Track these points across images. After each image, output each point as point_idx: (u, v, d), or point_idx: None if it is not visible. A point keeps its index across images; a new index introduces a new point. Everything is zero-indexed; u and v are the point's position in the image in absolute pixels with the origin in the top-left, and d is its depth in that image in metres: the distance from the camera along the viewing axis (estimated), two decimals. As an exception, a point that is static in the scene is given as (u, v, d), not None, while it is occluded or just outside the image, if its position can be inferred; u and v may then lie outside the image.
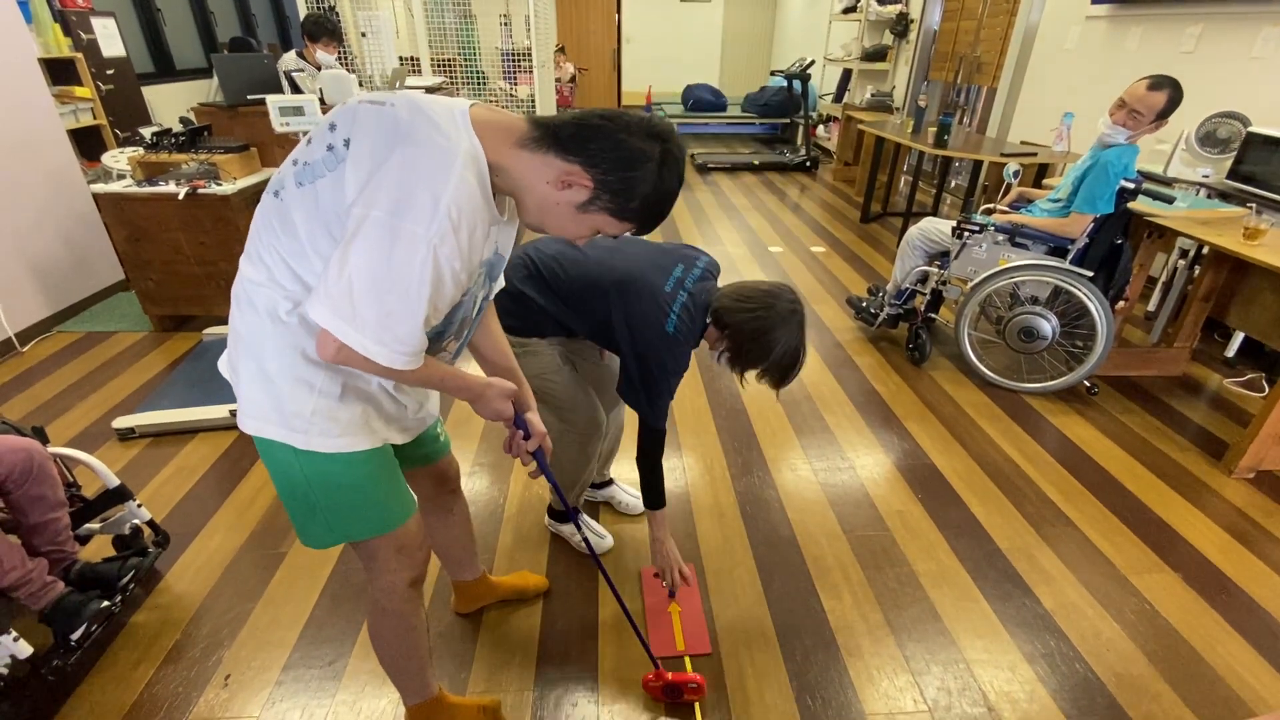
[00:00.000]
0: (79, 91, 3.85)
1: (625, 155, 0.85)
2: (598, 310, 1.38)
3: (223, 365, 1.03)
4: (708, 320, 1.39)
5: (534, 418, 1.16)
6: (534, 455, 1.19)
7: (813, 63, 6.82)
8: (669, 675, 1.38)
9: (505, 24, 6.05)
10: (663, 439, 1.48)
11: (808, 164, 6.75)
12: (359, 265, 0.78)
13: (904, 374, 2.78)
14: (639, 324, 1.33)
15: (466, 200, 0.81)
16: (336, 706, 1.39)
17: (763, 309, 1.31)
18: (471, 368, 1.14)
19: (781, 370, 1.34)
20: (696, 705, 1.40)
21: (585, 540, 1.52)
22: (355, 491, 1.01)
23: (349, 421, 0.95)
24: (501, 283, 1.13)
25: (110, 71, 4.13)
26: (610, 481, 1.97)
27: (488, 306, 1.14)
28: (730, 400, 2.56)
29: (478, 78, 5.43)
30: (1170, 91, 2.22)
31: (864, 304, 3.10)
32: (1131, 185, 2.28)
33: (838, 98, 7.35)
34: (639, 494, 1.92)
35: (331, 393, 0.93)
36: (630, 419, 2.41)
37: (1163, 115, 2.24)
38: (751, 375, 1.36)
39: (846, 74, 7.22)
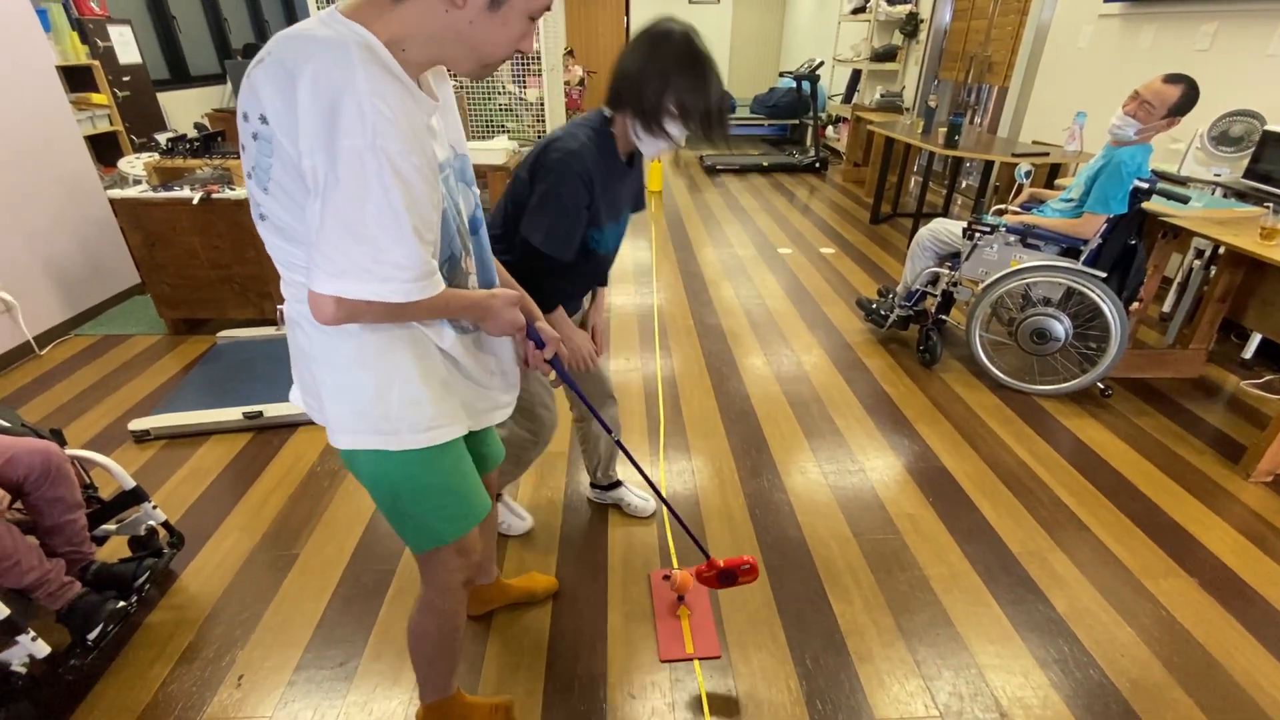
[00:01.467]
0: (96, 98, 3.91)
1: None
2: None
3: (295, 398, 1.05)
4: (606, 114, 1.32)
5: (544, 325, 1.13)
6: (551, 363, 1.15)
7: (822, 64, 6.80)
8: (721, 563, 1.41)
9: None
10: (555, 262, 1.35)
11: (817, 165, 6.73)
12: (329, 214, 0.75)
13: (914, 376, 2.76)
14: (540, 161, 1.30)
15: (383, 87, 0.75)
16: (348, 707, 1.40)
17: (635, 48, 1.21)
18: None
19: (692, 93, 1.19)
20: (706, 706, 1.40)
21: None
22: (440, 493, 1.03)
23: (434, 413, 0.96)
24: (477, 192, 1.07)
25: (126, 78, 4.19)
26: (619, 483, 1.97)
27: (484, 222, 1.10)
28: (740, 402, 2.55)
29: (487, 80, 5.45)
30: (1185, 88, 2.19)
31: (874, 306, 3.09)
32: (1145, 185, 2.26)
33: (847, 98, 7.33)
34: (648, 496, 1.93)
35: (409, 371, 0.93)
36: (625, 415, 2.42)
37: (1176, 112, 2.21)
38: (678, 128, 1.24)
39: (856, 74, 7.19)
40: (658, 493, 1.46)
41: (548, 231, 1.32)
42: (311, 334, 0.91)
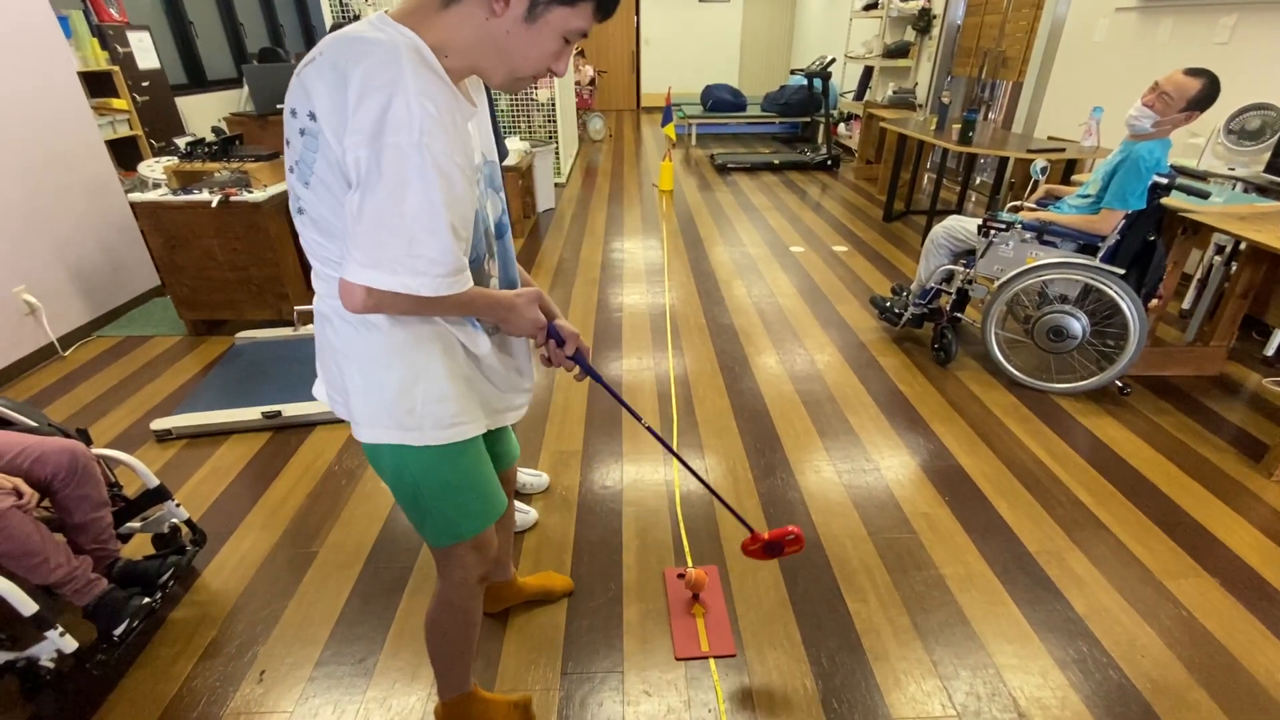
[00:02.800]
0: (116, 103, 3.98)
1: None
2: None
3: (319, 393, 1.07)
4: None
5: (563, 322, 1.14)
6: (574, 359, 1.16)
7: (833, 60, 6.77)
8: (766, 535, 1.41)
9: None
10: None
11: (829, 162, 6.70)
12: (364, 207, 0.77)
13: (929, 374, 2.75)
14: None
15: (431, 87, 0.77)
16: (367, 703, 1.42)
17: None
18: None
19: None
20: (721, 704, 1.40)
21: None
22: (460, 489, 1.05)
23: (456, 411, 0.98)
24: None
25: (146, 83, 4.26)
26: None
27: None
28: (753, 401, 2.55)
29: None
30: (1206, 82, 2.16)
31: (888, 304, 3.07)
32: (1165, 180, 2.23)
33: (859, 95, 7.29)
34: (538, 473, 1.98)
35: (433, 370, 0.95)
36: (638, 413, 2.43)
37: (1195, 106, 2.18)
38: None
39: (868, 71, 7.15)
40: (698, 478, 1.44)
41: None
42: (340, 328, 0.93)
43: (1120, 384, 2.57)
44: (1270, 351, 2.85)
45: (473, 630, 1.24)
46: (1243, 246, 2.66)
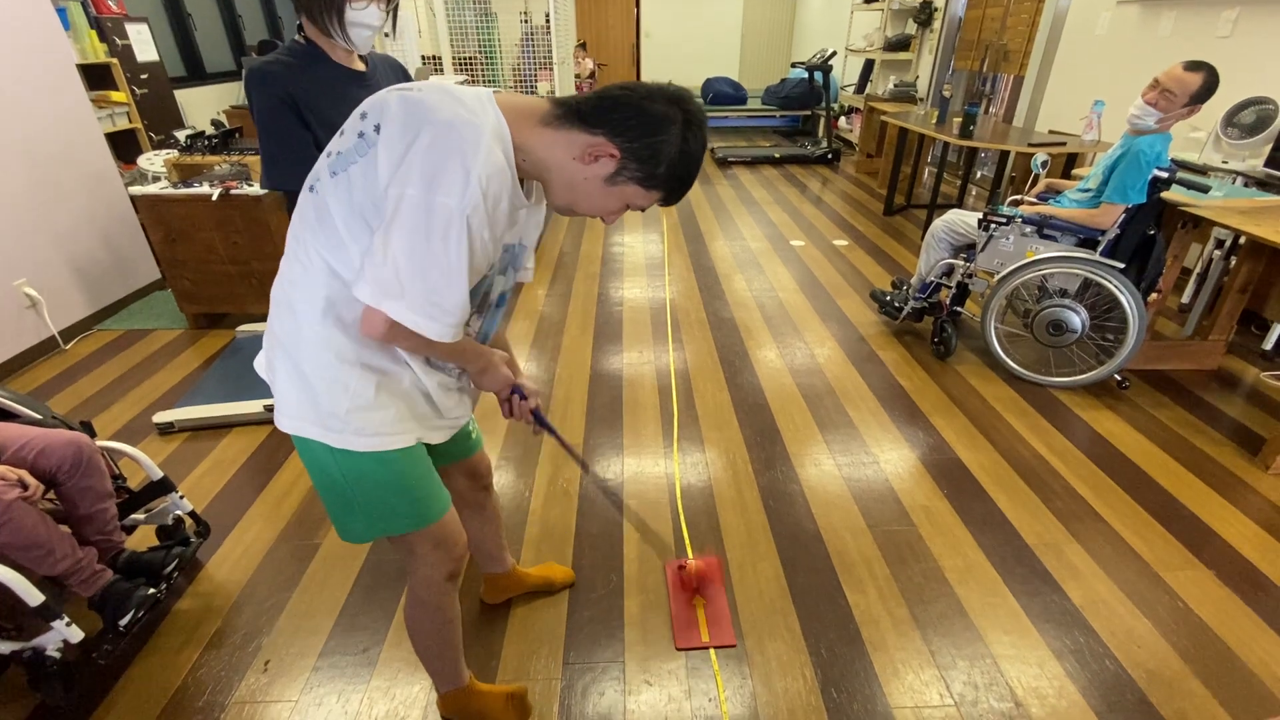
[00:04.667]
0: (115, 96, 3.96)
1: (648, 121, 0.87)
2: None
3: (260, 365, 1.06)
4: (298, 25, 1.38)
5: (526, 381, 1.18)
6: (533, 413, 1.21)
7: (834, 54, 6.75)
8: (689, 563, 1.43)
9: (525, 20, 6.08)
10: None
11: (829, 156, 6.69)
12: (400, 245, 0.81)
13: (929, 368, 2.75)
14: None
15: (495, 172, 0.82)
16: (371, 692, 1.43)
17: None
18: None
19: None
20: (721, 694, 1.42)
21: None
22: (390, 489, 1.03)
23: (383, 421, 0.97)
24: (528, 275, 1.13)
25: (144, 76, 4.24)
26: None
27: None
28: (753, 395, 2.56)
29: (491, 78, 5.46)
30: (1206, 75, 2.16)
31: (888, 297, 3.08)
32: (1165, 174, 2.23)
33: (860, 89, 7.26)
34: None
35: (365, 394, 0.95)
36: (638, 408, 2.43)
37: (1197, 100, 2.18)
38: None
39: (869, 64, 7.13)
40: (612, 500, 1.45)
41: (265, 161, 1.28)
42: (281, 315, 0.95)
43: (1119, 378, 2.58)
44: (1269, 346, 2.86)
45: (449, 628, 1.23)
46: (1242, 241, 2.66)
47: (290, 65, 1.32)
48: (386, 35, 4.14)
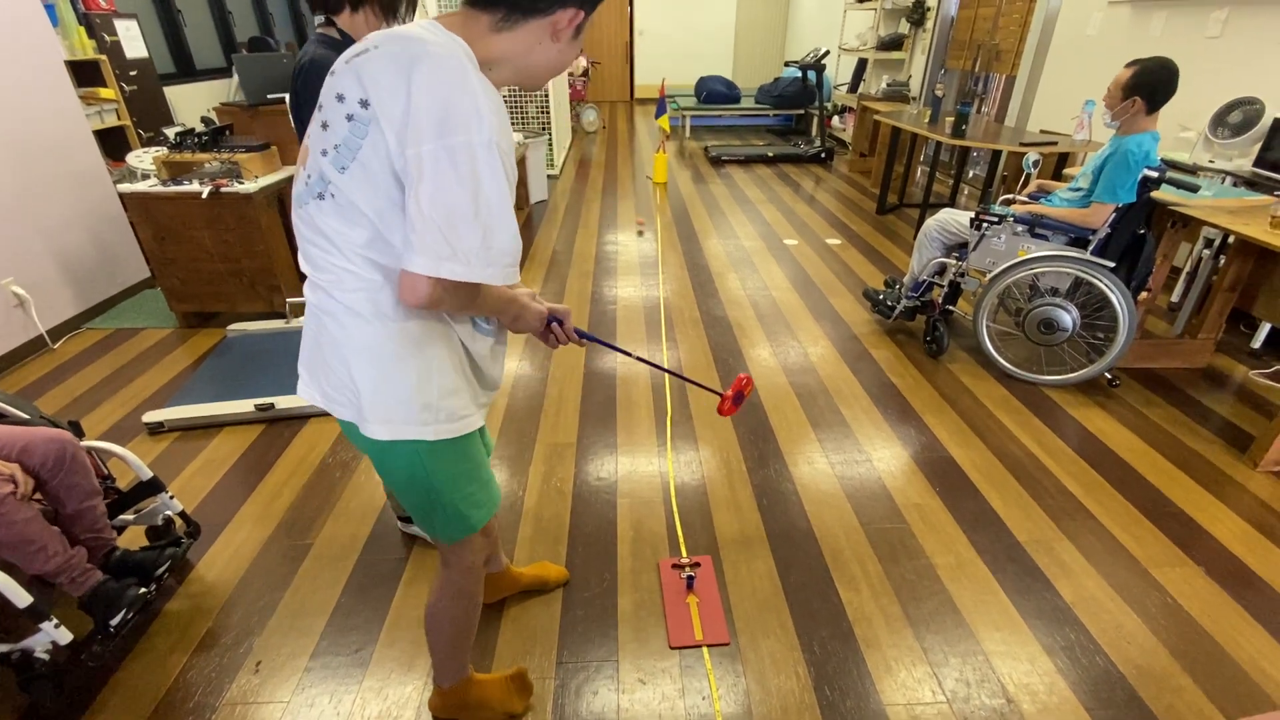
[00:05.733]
0: (104, 93, 3.93)
1: None
2: None
3: (305, 392, 1.03)
4: (320, 20, 1.49)
5: (555, 305, 1.18)
6: (577, 332, 1.20)
7: (827, 53, 6.76)
8: (729, 392, 1.41)
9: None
10: None
11: (822, 155, 6.70)
12: (436, 202, 0.79)
13: (921, 367, 2.76)
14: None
15: (487, 89, 0.81)
16: (364, 692, 1.43)
17: None
18: None
19: None
20: (715, 692, 1.42)
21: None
22: (468, 478, 1.07)
23: (464, 404, 1.00)
24: None
25: (133, 73, 4.20)
26: None
27: None
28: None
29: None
30: (1137, 69, 2.23)
31: (880, 296, 3.09)
32: (1155, 174, 2.25)
33: (853, 88, 7.28)
34: None
35: (448, 375, 0.97)
36: (632, 406, 2.43)
37: (1135, 93, 2.23)
38: None
39: (862, 63, 7.15)
40: (661, 369, 1.52)
41: None
42: (349, 323, 0.92)
43: (1109, 376, 2.60)
44: (1257, 344, 2.88)
45: (476, 614, 1.26)
46: (1231, 240, 2.68)
47: (327, 55, 1.37)
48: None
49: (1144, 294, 2.56)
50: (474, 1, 0.85)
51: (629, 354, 1.45)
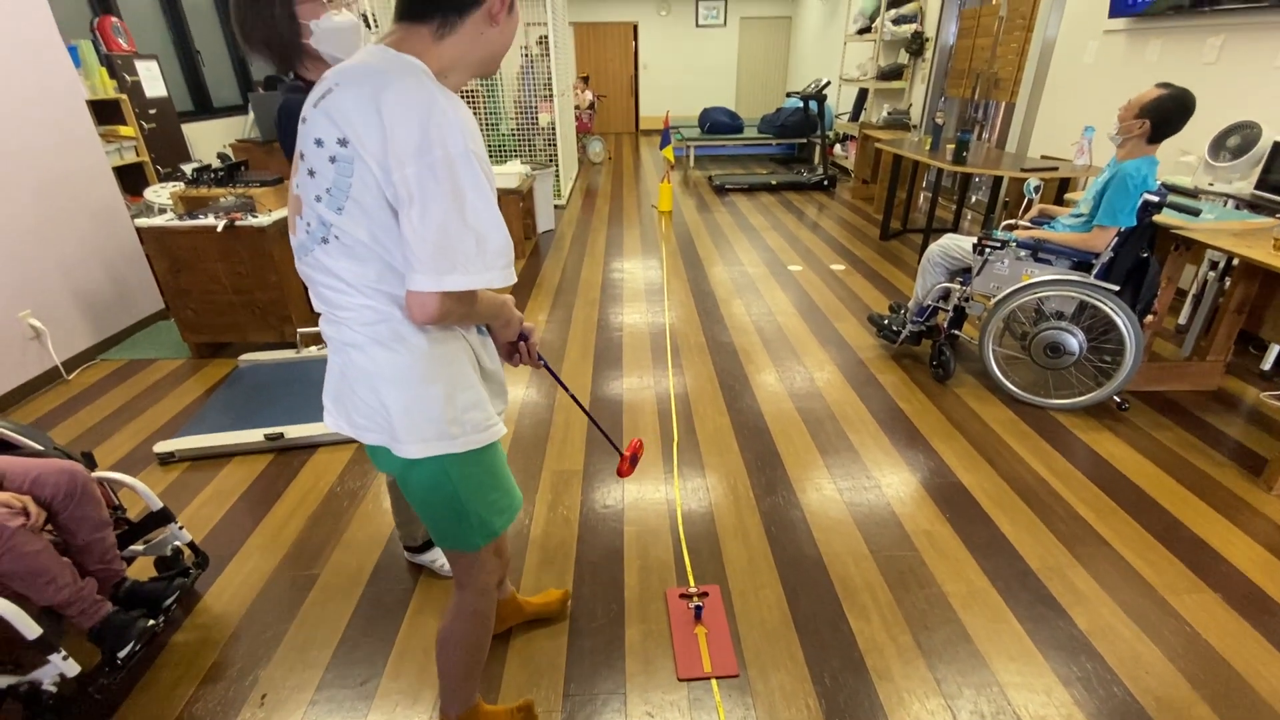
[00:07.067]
0: (123, 130, 4.04)
1: None
2: None
3: (332, 423, 1.07)
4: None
5: (527, 323, 1.21)
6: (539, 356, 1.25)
7: (828, 83, 6.88)
8: (627, 452, 1.48)
9: (525, 54, 6.22)
10: None
11: (825, 183, 6.78)
12: (428, 219, 0.82)
13: (928, 391, 2.76)
14: None
15: (454, 99, 0.84)
16: (369, 726, 1.41)
17: None
18: None
19: None
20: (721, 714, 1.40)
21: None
22: (493, 487, 1.10)
23: (488, 415, 1.04)
24: None
25: (153, 111, 4.33)
26: (430, 544, 1.83)
27: None
28: (753, 419, 2.56)
29: (494, 108, 5.56)
30: (1165, 94, 2.23)
31: (886, 321, 3.10)
32: (1156, 198, 2.26)
33: (854, 117, 7.39)
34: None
35: (473, 387, 1.01)
36: (639, 433, 2.44)
37: (1149, 114, 2.24)
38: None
39: (862, 93, 7.27)
40: (579, 404, 1.52)
41: None
42: (375, 354, 0.95)
43: (1118, 399, 2.58)
44: (1267, 366, 2.86)
45: (489, 638, 1.26)
46: (1236, 262, 2.69)
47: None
48: (375, 28, 4.20)
49: (1150, 317, 2.56)
50: (407, 16, 0.88)
51: (566, 389, 1.48)
